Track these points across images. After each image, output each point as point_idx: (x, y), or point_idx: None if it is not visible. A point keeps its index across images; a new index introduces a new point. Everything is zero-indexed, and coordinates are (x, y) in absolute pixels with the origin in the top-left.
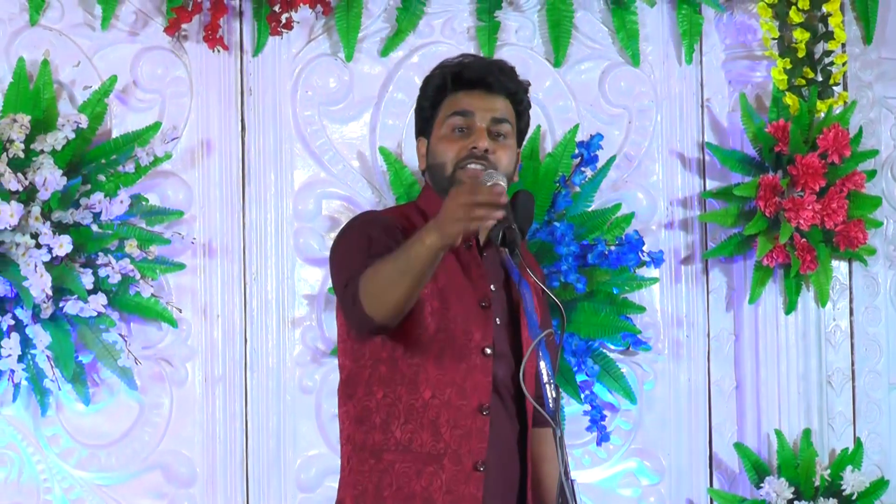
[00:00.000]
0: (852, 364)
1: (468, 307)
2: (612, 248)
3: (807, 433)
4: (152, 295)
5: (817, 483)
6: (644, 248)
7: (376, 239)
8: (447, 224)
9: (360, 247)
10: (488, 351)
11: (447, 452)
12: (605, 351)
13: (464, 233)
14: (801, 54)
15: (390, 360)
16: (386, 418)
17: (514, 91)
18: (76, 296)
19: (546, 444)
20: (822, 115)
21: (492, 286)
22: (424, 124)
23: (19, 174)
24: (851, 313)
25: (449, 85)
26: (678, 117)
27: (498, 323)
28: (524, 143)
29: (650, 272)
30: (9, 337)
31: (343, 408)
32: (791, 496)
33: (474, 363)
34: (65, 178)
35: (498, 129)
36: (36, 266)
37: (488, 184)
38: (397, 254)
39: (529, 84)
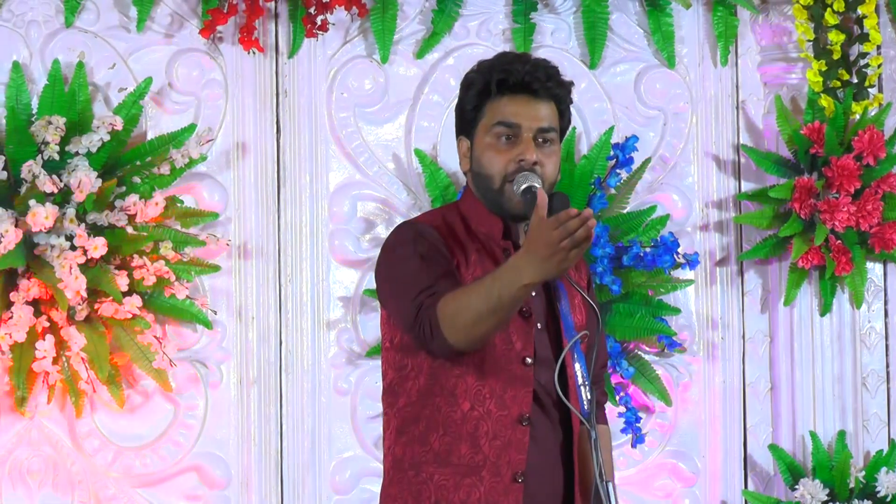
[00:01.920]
0: (887, 366)
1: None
2: (648, 249)
3: (841, 435)
4: (187, 297)
5: (852, 485)
6: (679, 249)
7: (430, 259)
8: (544, 265)
9: (416, 268)
10: (529, 360)
11: (486, 464)
12: (640, 353)
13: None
14: (836, 56)
15: (430, 371)
16: (425, 430)
17: (560, 95)
18: (111, 297)
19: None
20: (858, 116)
21: (532, 291)
22: (466, 125)
23: (54, 176)
24: (886, 315)
25: (494, 90)
26: (713, 119)
27: (539, 328)
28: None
29: (685, 274)
30: (44, 339)
31: (385, 417)
32: (826, 498)
33: (515, 373)
34: (100, 180)
35: (544, 137)
36: (71, 268)
37: (522, 187)
38: (485, 290)
39: (573, 84)
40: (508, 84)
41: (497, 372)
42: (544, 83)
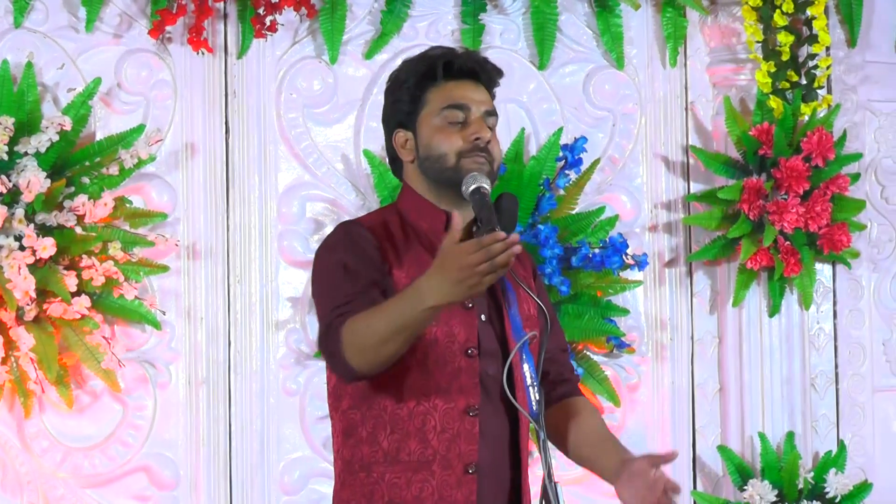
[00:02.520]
0: (836, 367)
1: (451, 308)
2: (597, 250)
3: (790, 436)
4: (136, 297)
5: (801, 486)
6: (628, 250)
7: (353, 271)
8: (454, 288)
9: (337, 280)
10: (472, 351)
11: (436, 458)
12: (588, 353)
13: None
14: (785, 57)
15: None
16: (373, 430)
17: (496, 84)
18: (59, 298)
19: (585, 410)
20: (806, 118)
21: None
22: (404, 117)
23: (3, 176)
24: (835, 316)
25: (439, 75)
26: (662, 120)
27: (483, 320)
28: None
29: (634, 275)
30: None
31: (332, 420)
32: (774, 499)
33: (459, 365)
34: (48, 181)
35: (489, 122)
36: (19, 268)
37: (471, 188)
38: (389, 311)
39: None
40: (454, 69)
41: (441, 366)
42: (485, 69)
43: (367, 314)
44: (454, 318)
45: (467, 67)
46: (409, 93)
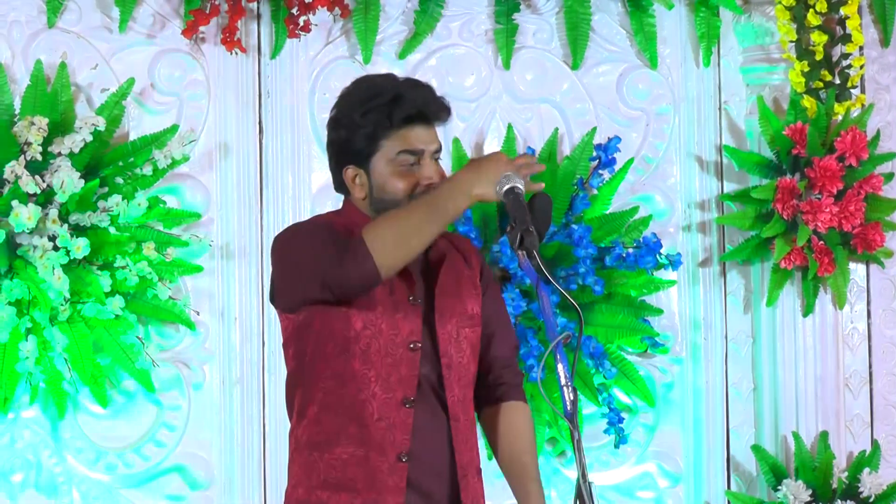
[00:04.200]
0: (870, 366)
1: (397, 302)
2: (630, 250)
3: (824, 436)
4: (170, 297)
5: (835, 486)
6: (662, 250)
7: (337, 233)
8: (491, 176)
9: (327, 237)
10: (415, 345)
11: (372, 444)
12: (622, 353)
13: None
14: (818, 57)
15: (322, 357)
16: (318, 412)
17: (446, 120)
18: (94, 298)
19: (515, 417)
20: (840, 117)
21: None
22: (356, 157)
23: (37, 177)
24: (869, 316)
25: (396, 123)
26: (696, 120)
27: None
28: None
29: (668, 275)
30: (27, 339)
31: (287, 404)
32: (808, 499)
33: (401, 357)
34: (82, 181)
35: (436, 157)
36: (53, 268)
37: (505, 187)
38: (419, 204)
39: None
40: (410, 116)
41: (383, 356)
42: (437, 112)
43: (390, 215)
44: (399, 312)
45: (419, 113)
46: (363, 135)
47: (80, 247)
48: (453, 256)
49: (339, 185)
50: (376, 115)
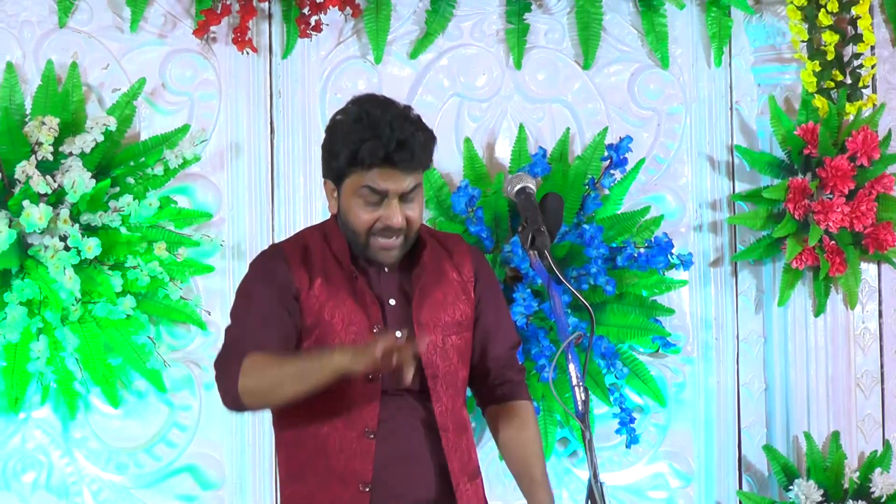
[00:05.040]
0: (881, 366)
1: (357, 333)
2: (642, 250)
3: (835, 436)
4: (181, 297)
5: (846, 485)
6: (673, 250)
7: (263, 307)
8: (358, 359)
9: (245, 311)
10: (373, 377)
11: (333, 476)
12: (634, 353)
13: (365, 370)
14: (830, 57)
15: None
16: (292, 447)
17: (424, 165)
18: (105, 298)
19: (519, 416)
20: (851, 117)
21: (391, 300)
22: (333, 173)
23: (48, 177)
24: (880, 315)
25: (365, 162)
26: (707, 120)
27: (399, 336)
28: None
29: (679, 275)
30: (38, 340)
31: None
32: (820, 499)
33: (360, 391)
34: (93, 181)
35: (408, 197)
36: (65, 268)
37: (516, 188)
38: (296, 367)
39: (435, 140)
40: (378, 158)
41: (343, 391)
42: (409, 162)
43: (272, 359)
44: (358, 344)
45: (388, 158)
46: (340, 160)
47: (92, 247)
48: (440, 265)
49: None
50: (351, 148)
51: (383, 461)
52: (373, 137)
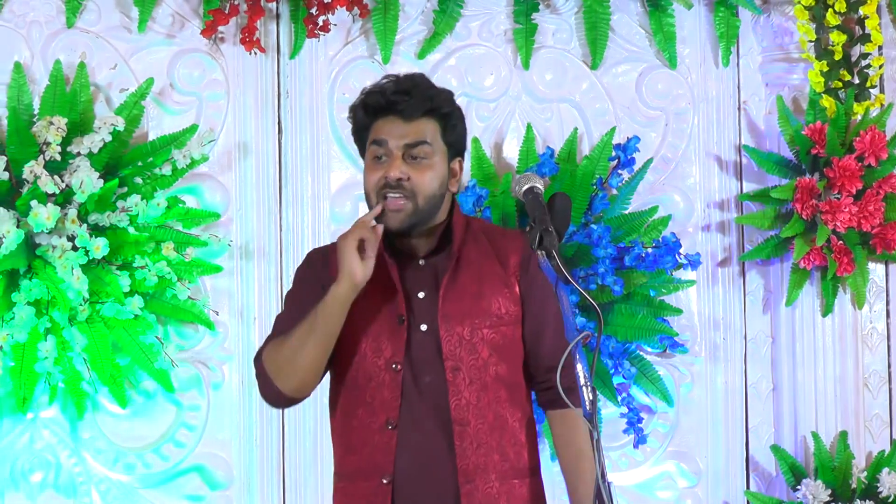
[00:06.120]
0: (889, 366)
1: (382, 323)
2: (649, 250)
3: (843, 435)
4: (189, 297)
5: (854, 485)
6: (681, 250)
7: (299, 305)
8: (341, 265)
9: (284, 311)
10: (397, 367)
11: (358, 470)
12: (641, 353)
13: (357, 271)
14: (837, 57)
15: (332, 388)
16: (334, 444)
17: (430, 109)
18: (113, 298)
19: (562, 428)
20: (859, 117)
21: (420, 293)
22: (360, 148)
23: (56, 177)
24: (888, 315)
25: (365, 115)
26: (715, 120)
27: (423, 330)
28: (467, 149)
29: (687, 274)
30: (45, 340)
31: None
32: (828, 498)
33: (383, 380)
34: (101, 181)
35: (414, 153)
36: (73, 268)
37: (524, 188)
38: (304, 320)
39: (451, 94)
40: (376, 108)
41: (367, 381)
42: (407, 101)
43: (277, 340)
44: (383, 334)
45: (387, 103)
46: (357, 130)
47: (100, 247)
48: (481, 257)
49: None
50: (359, 110)
51: (405, 453)
52: (370, 92)
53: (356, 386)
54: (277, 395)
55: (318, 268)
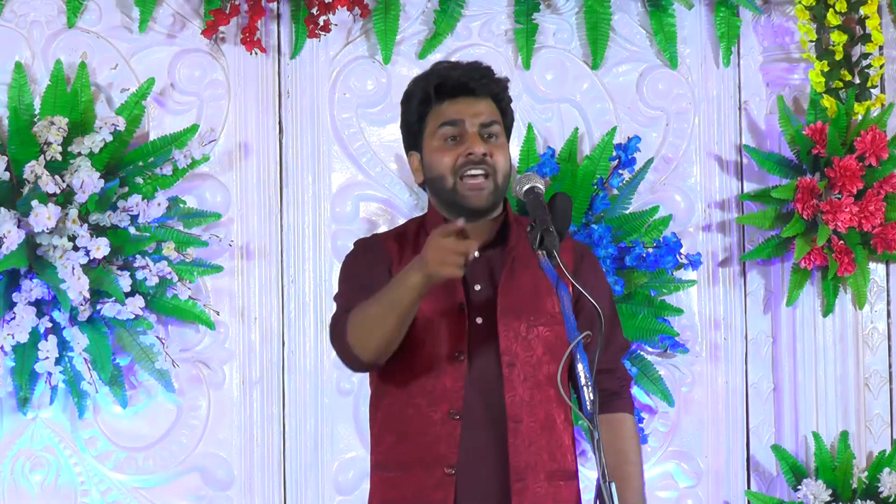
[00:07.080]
0: (890, 366)
1: (442, 312)
2: (650, 250)
3: (844, 435)
4: (190, 297)
5: (855, 485)
6: (682, 250)
7: (365, 283)
8: (433, 267)
9: (351, 287)
10: (459, 356)
11: (418, 460)
12: (642, 353)
13: (446, 275)
14: (838, 57)
15: (381, 375)
16: (380, 432)
17: (497, 91)
18: (113, 298)
19: (612, 432)
20: (860, 117)
21: (477, 286)
22: (414, 139)
23: (57, 177)
24: (889, 315)
25: (433, 97)
26: (716, 120)
27: (479, 322)
28: (510, 136)
29: (688, 274)
30: (46, 339)
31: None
32: (828, 498)
33: (445, 369)
34: (102, 181)
35: (489, 132)
36: (73, 268)
37: (525, 188)
38: (382, 293)
39: (508, 80)
40: (446, 88)
41: (427, 370)
42: (479, 81)
43: (364, 303)
44: (444, 323)
45: (459, 83)
46: (413, 115)
47: (100, 247)
48: (532, 254)
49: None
50: (421, 94)
51: (468, 443)
52: (437, 75)
53: (413, 374)
54: (357, 362)
55: (378, 257)
